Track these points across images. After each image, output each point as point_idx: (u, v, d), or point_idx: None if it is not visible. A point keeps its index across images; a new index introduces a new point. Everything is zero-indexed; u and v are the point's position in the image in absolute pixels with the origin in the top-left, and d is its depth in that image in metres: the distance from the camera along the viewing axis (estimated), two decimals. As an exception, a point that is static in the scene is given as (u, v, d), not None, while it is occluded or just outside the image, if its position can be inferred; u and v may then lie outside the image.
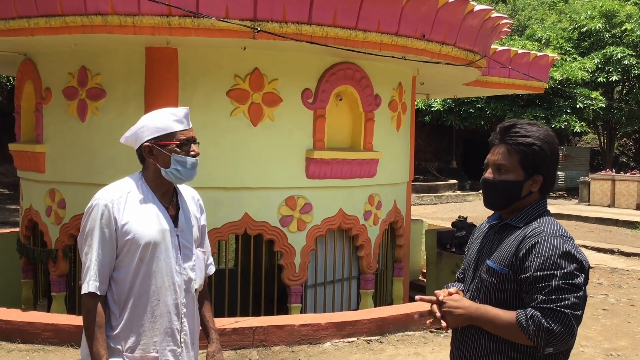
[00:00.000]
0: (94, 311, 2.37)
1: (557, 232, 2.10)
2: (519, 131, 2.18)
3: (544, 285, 2.02)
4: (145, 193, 2.50)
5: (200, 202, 2.73)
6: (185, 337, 2.54)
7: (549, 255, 2.04)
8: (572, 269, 2.03)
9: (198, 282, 2.60)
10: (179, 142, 2.47)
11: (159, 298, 2.45)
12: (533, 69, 10.07)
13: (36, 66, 7.12)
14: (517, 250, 2.12)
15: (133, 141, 2.54)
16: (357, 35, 6.01)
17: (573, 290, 2.01)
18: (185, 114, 2.51)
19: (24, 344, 5.46)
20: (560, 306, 2.00)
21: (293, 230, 6.81)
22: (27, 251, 7.51)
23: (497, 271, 2.16)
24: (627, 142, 33.53)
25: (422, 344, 5.73)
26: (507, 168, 2.20)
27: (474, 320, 2.16)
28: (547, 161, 2.17)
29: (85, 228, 2.43)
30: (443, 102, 24.97)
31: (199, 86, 6.44)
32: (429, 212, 19.52)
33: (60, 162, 6.94)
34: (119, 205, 2.42)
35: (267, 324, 5.59)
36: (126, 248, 2.41)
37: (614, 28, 25.24)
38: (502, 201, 2.24)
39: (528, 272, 2.06)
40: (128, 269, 2.43)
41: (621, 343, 6.10)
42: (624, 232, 15.37)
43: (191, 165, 2.50)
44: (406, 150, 8.46)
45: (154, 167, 2.51)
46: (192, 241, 2.58)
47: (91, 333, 2.36)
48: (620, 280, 9.20)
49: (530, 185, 2.19)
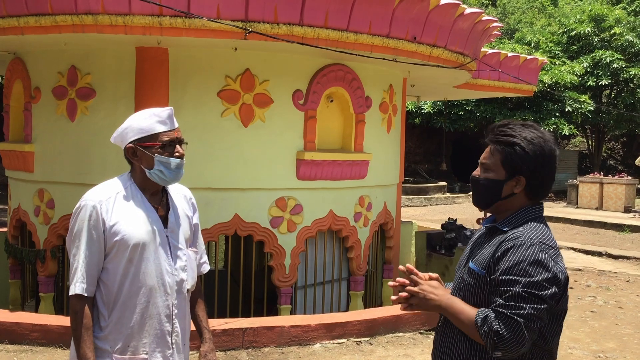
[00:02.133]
0: (81, 313, 2.35)
1: (535, 240, 2.06)
2: (506, 131, 2.17)
3: (505, 289, 2.01)
4: (134, 194, 2.49)
5: (193, 200, 2.71)
6: (177, 338, 2.52)
7: (518, 261, 2.01)
8: (539, 279, 1.98)
9: (190, 283, 2.59)
10: (162, 143, 2.45)
11: (149, 299, 2.44)
12: (523, 72, 10.14)
13: (25, 65, 7.07)
14: (494, 253, 2.11)
15: (120, 142, 2.53)
16: (348, 36, 6.03)
17: (534, 300, 1.97)
18: (169, 115, 2.48)
19: (12, 345, 5.42)
20: (515, 314, 1.97)
21: (283, 232, 6.80)
22: (15, 251, 7.46)
23: (475, 272, 2.16)
24: (615, 145, 33.76)
25: (411, 346, 5.74)
26: (489, 167, 2.19)
27: (442, 309, 2.15)
28: (529, 163, 2.12)
29: (73, 229, 2.41)
30: (433, 105, 25.03)
31: (189, 86, 6.42)
32: (419, 214, 19.56)
33: (49, 162, 6.90)
34: (107, 206, 2.40)
35: (256, 325, 5.59)
36: (115, 249, 2.40)
37: (602, 32, 25.42)
38: (484, 199, 2.23)
39: (496, 275, 2.05)
40: (117, 270, 2.41)
41: (609, 345, 6.14)
42: (612, 234, 15.47)
43: (175, 167, 2.47)
44: (396, 152, 8.48)
45: (140, 168, 2.50)
46: (182, 241, 2.56)
47: (78, 335, 2.35)
48: (608, 283, 9.26)
49: (512, 186, 2.16)
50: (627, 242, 14.16)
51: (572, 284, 8.92)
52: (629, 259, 11.54)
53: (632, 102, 24.85)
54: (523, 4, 32.93)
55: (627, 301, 8.10)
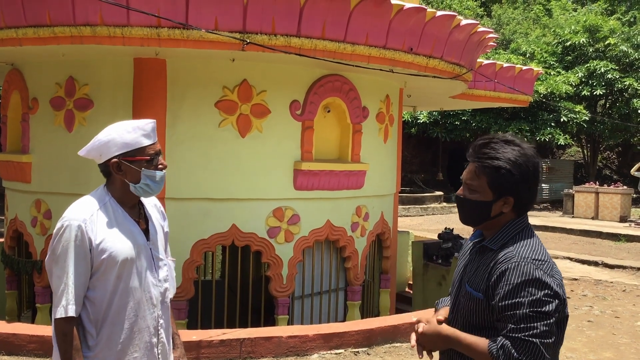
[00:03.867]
0: (70, 335, 2.31)
1: (529, 257, 2.06)
2: (489, 152, 2.16)
3: (512, 313, 2.01)
4: (115, 209, 2.46)
5: (162, 209, 2.72)
6: (162, 348, 2.54)
7: (516, 283, 2.02)
8: (540, 296, 2.00)
9: (172, 292, 2.62)
10: (149, 157, 2.45)
11: (137, 314, 2.43)
12: (518, 83, 10.19)
13: (23, 76, 7.09)
14: (490, 276, 2.11)
15: (97, 155, 2.48)
16: (345, 47, 6.06)
17: (542, 317, 1.99)
18: (152, 128, 2.48)
19: (9, 356, 5.41)
20: (529, 335, 1.97)
21: (280, 242, 6.81)
22: (11, 262, 7.44)
23: (472, 296, 2.16)
24: (610, 155, 33.89)
25: (409, 356, 5.74)
26: (475, 188, 2.18)
27: (450, 345, 2.18)
28: (516, 184, 2.13)
29: (57, 250, 2.34)
30: (429, 115, 25.12)
31: (187, 97, 6.44)
32: (415, 224, 19.58)
33: (46, 173, 6.90)
34: (91, 224, 2.36)
35: (254, 336, 5.58)
36: (103, 267, 2.37)
37: (597, 42, 25.58)
38: (473, 219, 2.24)
39: (497, 300, 2.06)
40: (105, 288, 2.38)
41: (606, 355, 6.15)
42: (608, 244, 15.50)
43: (160, 179, 2.48)
44: (393, 162, 8.51)
45: (121, 182, 2.47)
46: (162, 251, 2.59)
47: (69, 357, 2.30)
48: (605, 292, 9.27)
49: (501, 206, 2.17)
50: (623, 251, 14.19)
51: (569, 293, 8.93)
52: (625, 268, 11.57)
53: (627, 112, 24.99)
54: (518, 14, 33.15)
55: (623, 311, 8.11)
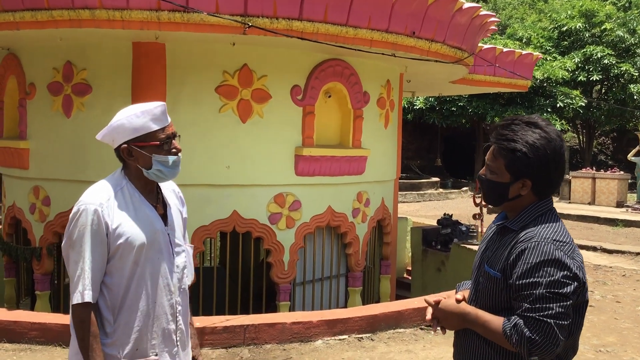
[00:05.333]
0: (88, 321, 2.27)
1: (549, 237, 2.04)
2: (507, 134, 2.13)
3: (528, 293, 1.98)
4: (132, 193, 2.41)
5: (181, 194, 2.65)
6: (181, 335, 2.49)
7: (535, 263, 1.99)
8: (559, 277, 1.96)
9: (190, 278, 2.57)
10: (159, 142, 2.38)
11: (155, 300, 2.39)
12: (518, 67, 10.14)
13: (20, 61, 6.99)
14: (509, 255, 2.08)
15: (110, 141, 2.43)
16: (347, 31, 5.98)
17: (558, 299, 1.96)
18: (162, 111, 2.39)
19: (10, 344, 5.35)
20: (544, 315, 1.95)
21: (282, 228, 6.76)
22: (9, 249, 7.38)
23: (491, 276, 2.13)
24: (605, 140, 33.94)
25: (413, 341, 5.72)
26: (493, 169, 2.17)
27: (467, 323, 2.15)
28: (533, 167, 2.09)
29: (73, 235, 2.30)
30: (425, 101, 25.05)
31: (187, 82, 6.36)
32: (412, 210, 19.57)
33: (44, 159, 6.82)
34: (108, 208, 2.31)
35: (258, 322, 5.54)
36: (119, 252, 2.32)
37: (593, 27, 25.53)
38: (492, 199, 2.23)
39: (515, 279, 2.03)
40: (122, 273, 2.34)
41: (609, 339, 6.14)
42: (605, 229, 15.52)
43: (173, 164, 2.41)
44: (394, 147, 8.46)
45: (135, 168, 2.41)
46: (180, 237, 2.53)
47: (87, 344, 2.25)
48: (605, 277, 9.28)
49: (519, 188, 2.14)
50: (620, 236, 14.21)
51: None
52: (623, 253, 11.57)
53: (623, 98, 24.99)
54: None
55: (624, 295, 8.11)
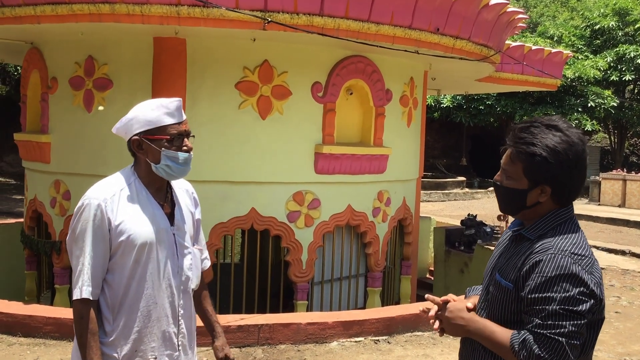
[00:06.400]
0: (87, 317, 2.24)
1: (567, 250, 1.89)
2: (526, 137, 1.98)
3: (540, 308, 1.86)
4: (139, 190, 2.36)
5: (195, 195, 2.59)
6: (183, 339, 2.42)
7: (550, 276, 1.85)
8: (575, 293, 1.83)
9: (195, 282, 2.49)
10: (170, 136, 2.33)
11: (156, 301, 2.33)
12: (547, 66, 9.91)
13: (42, 55, 7.01)
14: (522, 266, 1.95)
15: (123, 133, 2.40)
16: (369, 27, 5.87)
17: (572, 317, 1.83)
18: (177, 107, 2.35)
19: (25, 338, 5.36)
20: (555, 334, 1.82)
21: (300, 226, 6.68)
22: (31, 242, 7.42)
23: (502, 286, 2.01)
24: (637, 141, 33.24)
25: (431, 345, 5.60)
26: (510, 174, 2.03)
27: (470, 333, 2.02)
28: (553, 172, 1.95)
29: (76, 229, 2.28)
30: (453, 99, 24.78)
31: (207, 78, 6.31)
32: (437, 210, 19.37)
33: (65, 153, 6.84)
34: (112, 204, 2.28)
35: (272, 322, 5.48)
36: (120, 250, 2.28)
37: (627, 26, 24.97)
38: (509, 207, 2.09)
39: (527, 291, 1.90)
40: (123, 272, 2.29)
41: (635, 347, 5.95)
42: (635, 232, 15.18)
43: (183, 161, 2.36)
44: (416, 146, 8.32)
45: (145, 162, 2.37)
46: (188, 239, 2.46)
47: (84, 341, 2.23)
48: (633, 282, 9.04)
49: (537, 195, 2.00)
50: (650, 240, 13.89)
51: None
52: (653, 258, 11.29)
53: (657, 98, 24.42)
54: (545, -3, 32.50)
55: (652, 302, 7.88)
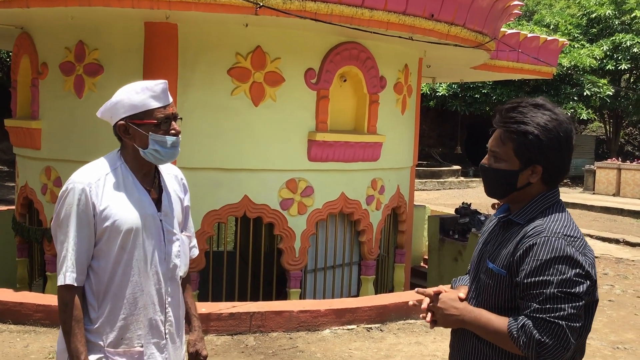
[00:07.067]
0: (71, 304, 2.19)
1: (560, 232, 1.88)
2: (517, 116, 1.96)
3: (538, 292, 1.83)
4: (125, 175, 2.31)
5: (184, 181, 2.54)
6: (170, 327, 2.38)
7: (546, 260, 1.83)
8: (571, 275, 1.81)
9: (183, 269, 2.44)
10: (157, 120, 2.27)
11: (142, 288, 2.28)
12: (542, 54, 9.84)
13: (33, 40, 6.92)
14: (515, 251, 1.92)
15: (108, 117, 2.35)
16: (363, 13, 5.81)
17: (570, 299, 1.81)
18: (163, 89, 2.29)
19: (15, 325, 5.33)
20: (555, 317, 1.80)
21: (293, 214, 6.65)
22: (22, 229, 7.37)
23: (494, 272, 1.97)
24: (633, 131, 33.26)
25: (423, 333, 5.59)
26: (500, 156, 2.00)
27: (465, 323, 1.99)
28: (546, 151, 1.93)
29: (60, 214, 2.23)
30: (448, 87, 24.70)
31: (199, 64, 6.25)
32: (432, 198, 19.37)
33: (56, 139, 6.77)
34: (97, 189, 2.23)
35: (264, 310, 5.45)
36: (106, 235, 2.23)
37: (623, 15, 24.88)
38: (498, 190, 2.05)
39: (522, 276, 1.87)
40: (108, 258, 2.25)
41: (628, 336, 5.95)
42: (629, 221, 15.20)
43: (172, 145, 2.30)
44: (411, 134, 8.27)
45: (132, 147, 2.32)
46: (176, 225, 2.41)
47: (68, 328, 2.19)
48: (626, 271, 9.04)
49: (528, 176, 1.97)
50: (644, 229, 13.90)
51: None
52: (647, 246, 11.31)
53: (652, 87, 24.39)
54: (542, -15, 32.33)
55: (645, 290, 7.89)
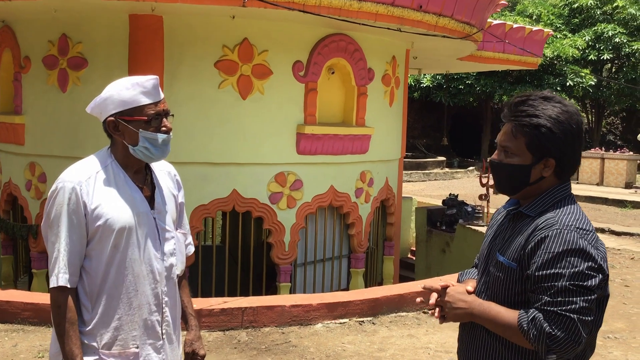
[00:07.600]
0: (64, 306, 2.14)
1: (572, 225, 1.84)
2: (527, 109, 1.93)
3: (549, 285, 1.80)
4: (116, 172, 2.24)
5: (177, 177, 2.48)
6: (167, 328, 2.31)
7: (558, 252, 1.80)
8: (583, 268, 1.78)
9: (179, 267, 2.38)
10: (147, 117, 2.20)
11: (137, 288, 2.22)
12: (528, 44, 9.87)
13: (15, 34, 6.79)
14: (526, 244, 1.89)
15: (98, 113, 2.27)
16: (351, 4, 5.76)
17: (583, 292, 1.78)
18: (154, 85, 2.22)
19: (3, 324, 5.24)
20: (566, 310, 1.77)
21: (283, 208, 6.60)
22: (6, 226, 7.25)
23: (505, 266, 1.95)
24: (615, 120, 33.53)
25: (415, 326, 5.57)
26: (512, 151, 1.96)
27: (474, 317, 1.96)
28: (558, 144, 1.90)
29: (51, 214, 2.17)
30: (432, 78, 24.73)
31: (185, 56, 6.16)
32: (417, 190, 19.40)
33: (40, 135, 6.66)
34: (87, 187, 2.16)
35: (256, 305, 5.40)
36: (98, 235, 2.17)
37: (605, 5, 25.05)
38: (510, 185, 2.02)
39: (534, 269, 1.84)
40: (101, 258, 2.18)
41: (618, 325, 5.98)
42: (614, 210, 15.31)
43: (162, 142, 2.23)
44: (399, 126, 8.25)
45: (122, 144, 2.25)
46: (170, 223, 2.34)
47: (62, 330, 2.13)
48: (612, 260, 9.10)
49: (541, 170, 1.95)
50: (629, 218, 14.01)
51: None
52: (632, 235, 11.38)
53: (634, 77, 24.58)
54: (524, -24, 32.42)
55: (632, 279, 7.94)
